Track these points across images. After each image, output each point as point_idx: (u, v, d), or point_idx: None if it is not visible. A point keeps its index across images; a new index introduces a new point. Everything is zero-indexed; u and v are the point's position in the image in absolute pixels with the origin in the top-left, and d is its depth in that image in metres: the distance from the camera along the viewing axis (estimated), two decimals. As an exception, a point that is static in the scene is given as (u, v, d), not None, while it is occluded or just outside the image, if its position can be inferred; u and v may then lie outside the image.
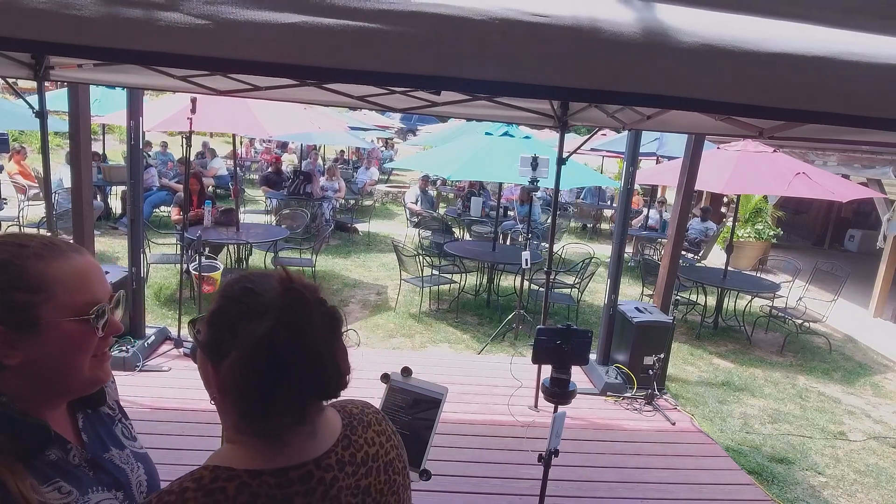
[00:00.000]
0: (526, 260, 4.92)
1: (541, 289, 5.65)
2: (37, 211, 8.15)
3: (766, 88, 1.41)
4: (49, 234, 4.35)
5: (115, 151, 14.57)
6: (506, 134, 7.05)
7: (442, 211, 12.05)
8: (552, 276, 5.22)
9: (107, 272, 4.95)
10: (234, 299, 0.87)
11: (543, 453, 2.63)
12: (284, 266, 0.89)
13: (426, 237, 9.41)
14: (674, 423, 4.49)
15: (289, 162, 14.87)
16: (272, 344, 0.82)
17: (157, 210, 10.04)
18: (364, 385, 1.82)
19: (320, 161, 14.32)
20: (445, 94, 3.69)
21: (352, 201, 12.33)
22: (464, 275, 7.47)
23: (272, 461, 0.86)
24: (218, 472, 0.83)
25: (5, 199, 9.15)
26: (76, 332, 0.91)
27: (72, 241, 0.97)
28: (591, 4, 1.35)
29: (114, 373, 3.90)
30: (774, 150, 6.95)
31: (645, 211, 10.69)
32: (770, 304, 7.30)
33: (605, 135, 12.55)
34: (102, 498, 0.95)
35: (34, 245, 0.90)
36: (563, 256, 8.85)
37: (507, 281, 7.86)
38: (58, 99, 8.81)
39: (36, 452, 0.88)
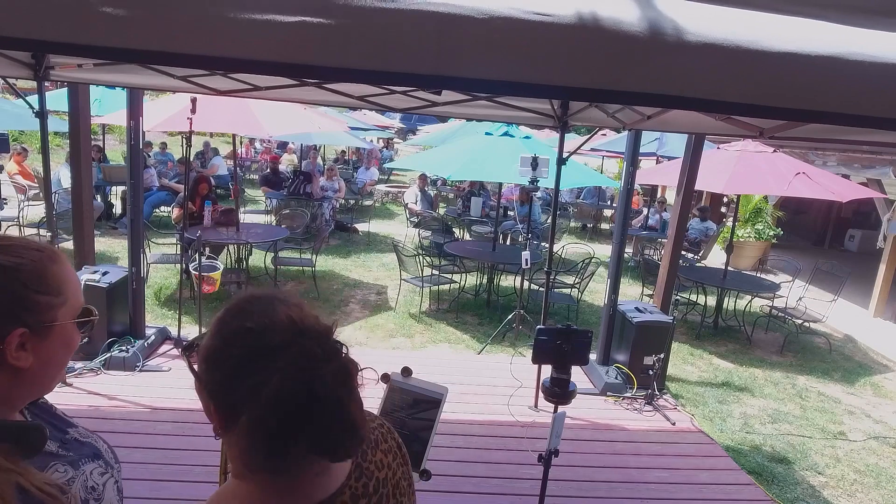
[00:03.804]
0: (526, 260, 4.91)
1: (541, 289, 5.65)
2: (37, 211, 8.15)
3: (769, 88, 1.41)
4: (49, 234, 4.35)
5: (115, 151, 14.58)
6: (506, 134, 7.04)
7: (442, 211, 12.05)
8: (552, 276, 5.21)
9: (106, 272, 4.90)
10: (231, 340, 0.81)
11: (543, 453, 2.62)
12: (296, 304, 0.82)
13: (426, 237, 9.41)
14: (674, 423, 4.49)
15: (288, 162, 14.87)
16: (280, 404, 0.75)
17: (157, 210, 10.04)
18: (364, 385, 1.83)
19: (320, 161, 14.31)
20: (445, 94, 3.69)
21: (352, 201, 12.33)
22: (464, 275, 7.47)
23: None
24: None
25: (5, 199, 9.15)
26: (74, 332, 0.95)
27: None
28: (592, 3, 1.35)
29: (114, 373, 3.94)
30: (774, 150, 6.95)
31: (645, 211, 10.68)
32: (770, 304, 7.29)
33: (605, 135, 12.55)
34: (93, 468, 1.00)
35: (44, 250, 0.93)
36: (563, 256, 8.84)
37: (507, 281, 7.85)
38: (58, 99, 8.81)
39: (36, 453, 0.90)
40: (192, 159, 7.66)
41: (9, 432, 0.86)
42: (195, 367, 0.85)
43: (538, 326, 3.19)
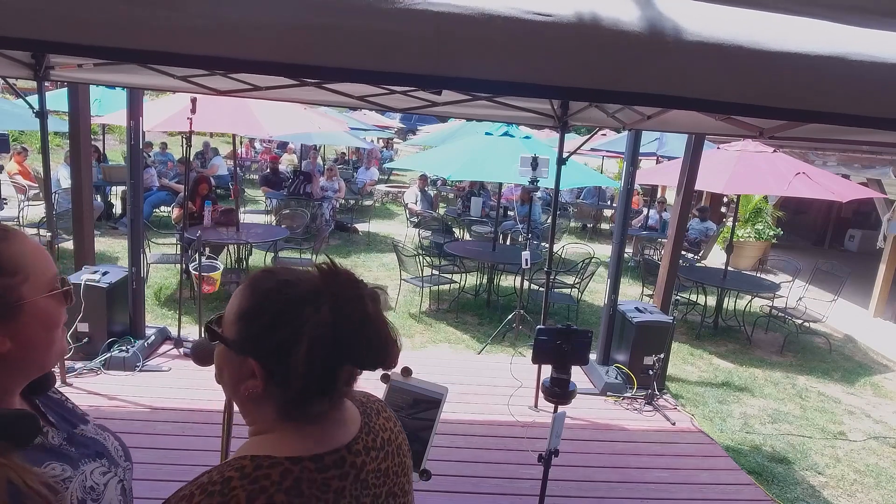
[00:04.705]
0: (526, 260, 4.91)
1: (541, 289, 5.65)
2: (37, 211, 8.15)
3: (769, 88, 1.41)
4: (49, 234, 4.34)
5: (115, 151, 14.57)
6: (506, 134, 7.04)
7: (442, 211, 12.05)
8: (552, 276, 5.22)
9: (106, 272, 4.90)
10: (271, 293, 0.89)
11: (543, 453, 2.63)
12: (328, 255, 0.94)
13: (426, 237, 9.41)
14: (674, 423, 4.49)
15: (288, 162, 14.87)
16: (337, 324, 0.85)
17: (157, 210, 10.04)
18: (363, 385, 1.83)
19: (320, 161, 14.31)
20: (445, 94, 3.69)
21: (352, 201, 12.33)
22: (464, 275, 7.47)
23: (309, 449, 0.89)
24: (259, 461, 0.85)
25: (5, 199, 9.15)
26: (51, 306, 0.93)
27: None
28: (592, 3, 1.35)
29: (114, 373, 3.94)
30: (774, 150, 6.95)
31: (645, 211, 10.68)
32: (770, 304, 7.29)
33: (605, 135, 12.54)
34: (94, 467, 0.98)
35: None
36: (563, 256, 8.85)
37: (507, 281, 7.85)
38: (58, 99, 8.81)
39: (29, 442, 0.89)
40: (192, 159, 7.66)
41: None
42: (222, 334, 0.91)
43: (538, 326, 3.19)
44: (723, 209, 12.44)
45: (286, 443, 0.89)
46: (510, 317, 6.13)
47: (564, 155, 4.48)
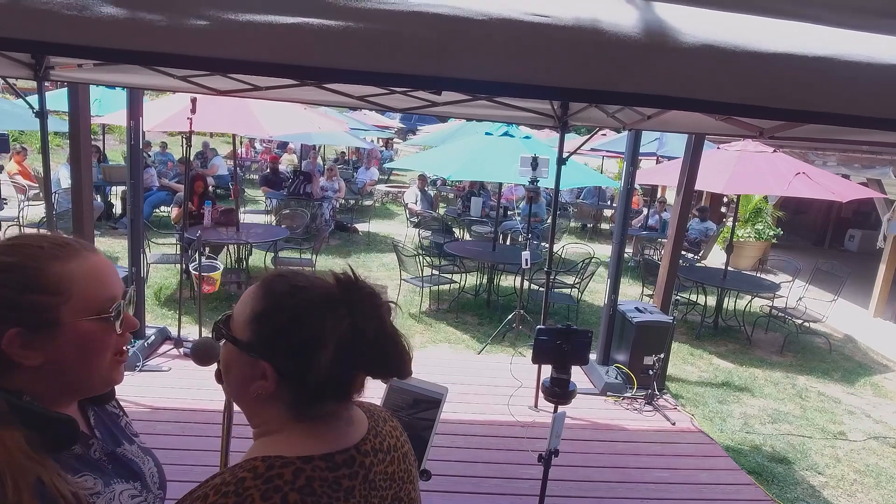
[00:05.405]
0: (526, 260, 4.92)
1: (541, 289, 5.65)
2: (37, 211, 8.15)
3: (767, 88, 1.41)
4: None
5: (115, 151, 14.58)
6: (506, 134, 7.04)
7: (442, 211, 12.05)
8: (552, 276, 5.22)
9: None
10: (286, 296, 0.89)
11: (543, 453, 2.63)
12: (351, 266, 0.96)
13: (426, 237, 9.41)
14: (674, 423, 4.49)
15: (288, 162, 14.87)
16: (356, 336, 0.87)
17: (157, 210, 10.04)
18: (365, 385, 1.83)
19: (320, 161, 14.31)
20: (445, 94, 3.69)
21: (352, 201, 12.33)
22: (464, 275, 7.47)
23: (319, 448, 0.90)
24: (271, 461, 0.85)
25: (5, 199, 9.15)
26: (96, 330, 0.91)
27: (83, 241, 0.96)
28: (592, 4, 1.35)
29: (114, 373, 3.75)
30: (774, 150, 6.95)
31: (645, 211, 10.68)
32: (770, 304, 7.29)
33: (605, 135, 12.54)
34: (125, 488, 0.98)
35: (49, 246, 0.90)
36: (563, 256, 8.84)
37: (507, 281, 7.85)
38: (58, 99, 8.81)
39: (66, 446, 0.89)
40: (192, 159, 7.67)
41: (35, 420, 0.84)
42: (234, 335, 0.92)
43: (538, 326, 3.19)
44: (723, 209, 12.44)
45: (296, 442, 0.89)
46: (510, 317, 6.13)
47: (564, 155, 4.48)
